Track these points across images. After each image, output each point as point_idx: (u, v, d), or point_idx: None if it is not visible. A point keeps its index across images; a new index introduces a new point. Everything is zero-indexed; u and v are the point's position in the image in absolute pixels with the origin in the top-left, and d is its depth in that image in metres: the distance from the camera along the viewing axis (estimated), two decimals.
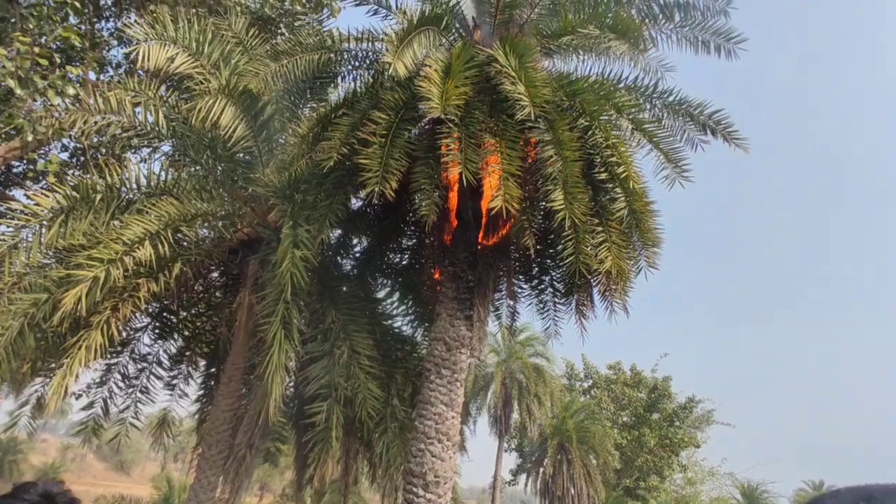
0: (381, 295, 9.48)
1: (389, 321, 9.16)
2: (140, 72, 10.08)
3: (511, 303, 9.51)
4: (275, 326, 6.44)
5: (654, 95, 8.46)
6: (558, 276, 9.00)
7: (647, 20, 8.27)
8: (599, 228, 6.60)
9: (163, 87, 9.89)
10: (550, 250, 8.33)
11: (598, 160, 6.86)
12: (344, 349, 7.16)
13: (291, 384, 9.98)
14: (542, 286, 9.34)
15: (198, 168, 9.88)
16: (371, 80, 7.93)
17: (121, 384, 9.99)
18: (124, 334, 9.69)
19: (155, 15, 9.05)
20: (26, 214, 6.57)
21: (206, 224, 8.58)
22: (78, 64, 8.69)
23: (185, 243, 8.62)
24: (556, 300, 9.17)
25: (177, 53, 8.16)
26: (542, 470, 25.47)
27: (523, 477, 27.82)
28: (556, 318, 9.21)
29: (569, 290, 8.79)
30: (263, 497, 27.07)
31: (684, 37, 8.39)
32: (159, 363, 10.61)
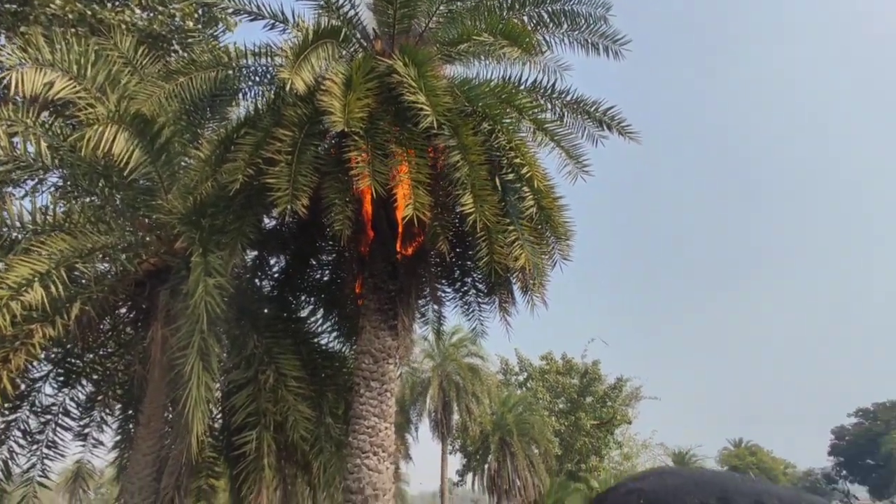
0: (304, 314, 9.27)
1: (316, 339, 8.98)
2: (18, 98, 9.28)
3: (437, 307, 9.62)
4: (192, 359, 6.14)
5: (554, 96, 8.89)
6: (479, 277, 9.20)
7: (539, 26, 8.68)
8: (511, 227, 6.84)
9: (45, 114, 9.16)
10: (469, 252, 8.51)
11: (505, 162, 7.11)
12: (269, 373, 6.95)
13: (219, 416, 9.54)
14: (465, 288, 9.52)
15: (93, 199, 9.25)
16: (273, 96, 7.78)
17: (22, 441, 9.10)
18: (22, 386, 8.86)
19: (27, 37, 8.38)
20: None
21: (106, 258, 8.04)
22: None
23: (83, 281, 8.04)
24: (480, 300, 9.38)
25: (56, 78, 7.59)
26: (486, 466, 25.86)
27: (470, 476, 28.12)
28: (482, 318, 9.42)
29: (490, 290, 9.03)
30: None
31: (575, 40, 8.88)
32: (66, 413, 9.77)
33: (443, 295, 9.75)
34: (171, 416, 8.19)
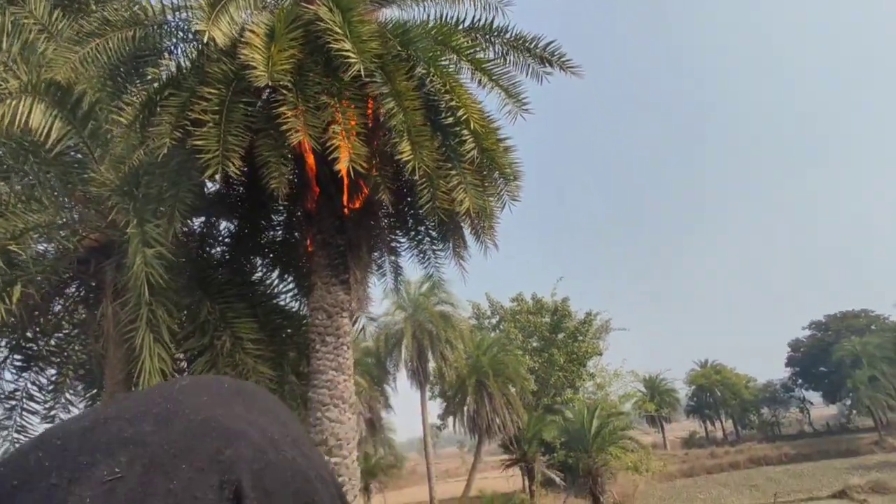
0: (259, 275, 9.21)
1: (273, 300, 8.97)
2: None
3: (393, 258, 9.65)
4: (141, 331, 6.10)
5: (494, 34, 8.68)
6: (432, 225, 9.23)
7: None
8: (453, 172, 6.82)
9: None
10: (419, 200, 8.50)
11: (443, 105, 7.01)
12: (225, 338, 6.96)
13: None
14: (420, 237, 9.55)
15: (27, 178, 8.83)
16: (196, 53, 7.39)
17: None
18: None
19: None
20: None
21: (42, 237, 7.76)
22: None
23: (23, 263, 7.78)
24: (434, 248, 9.44)
25: None
26: (465, 408, 26.76)
27: (451, 419, 29.12)
28: (438, 265, 9.51)
29: (443, 237, 9.08)
30: None
31: None
32: (31, 398, 9.67)
33: (398, 245, 9.79)
34: (132, 390, 8.16)
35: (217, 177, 7.43)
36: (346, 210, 7.73)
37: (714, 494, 34.21)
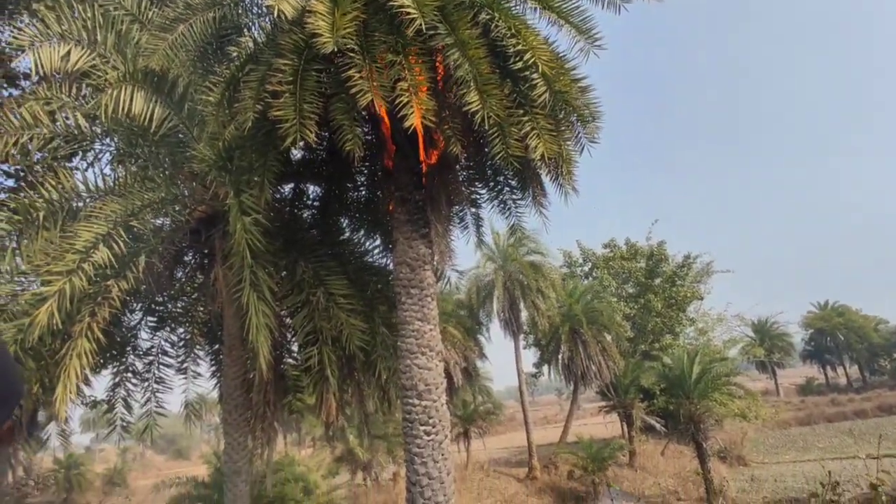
0: (346, 235, 9.71)
1: (362, 258, 9.45)
2: (56, 75, 9.74)
3: (473, 210, 9.73)
4: (246, 291, 6.73)
5: None
6: (510, 174, 9.15)
7: None
8: (525, 118, 6.68)
9: (83, 86, 9.59)
10: (492, 150, 8.44)
11: (510, 51, 6.81)
12: (320, 295, 7.50)
13: (294, 340, 10.47)
14: (499, 187, 9.52)
15: (140, 160, 9.82)
16: (271, 27, 7.70)
17: (134, 381, 10.49)
18: (120, 335, 10.06)
19: (38, 12, 8.63)
20: None
21: (158, 213, 8.67)
22: None
23: (145, 236, 8.78)
24: (514, 197, 9.38)
25: (69, 49, 7.88)
26: (560, 356, 26.86)
27: (546, 367, 29.40)
28: (519, 214, 9.47)
29: (522, 185, 8.99)
30: (316, 446, 28.77)
31: None
32: (164, 353, 11.06)
33: (478, 197, 9.83)
34: (245, 344, 9.08)
35: (298, 144, 7.84)
36: (422, 165, 7.87)
37: (835, 443, 32.04)
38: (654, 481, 25.23)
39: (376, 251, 9.54)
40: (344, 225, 9.84)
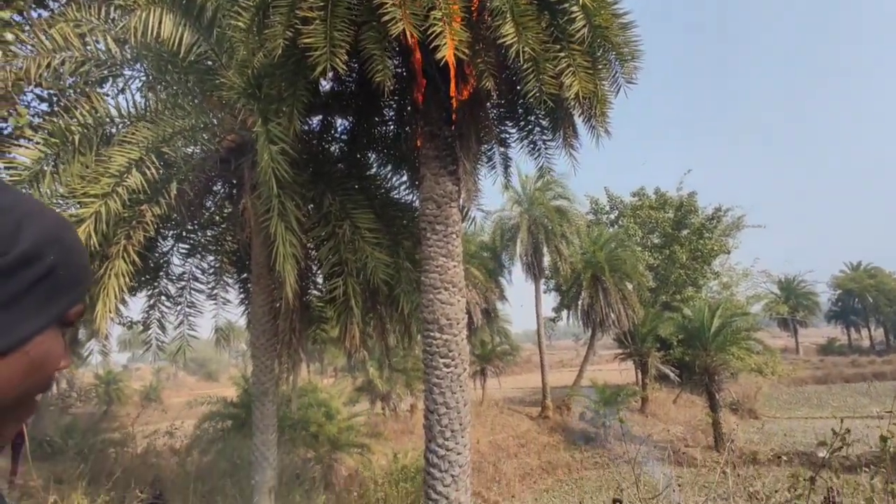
0: (374, 170, 9.69)
1: (388, 193, 9.47)
2: None
3: (502, 149, 9.56)
4: (274, 221, 6.85)
5: None
6: (542, 113, 8.90)
7: None
8: (562, 54, 6.42)
9: (111, 9, 9.49)
10: (525, 87, 8.18)
11: None
12: (345, 227, 7.60)
13: (319, 272, 10.72)
14: (529, 126, 9.29)
15: (170, 87, 9.81)
16: None
17: (167, 304, 10.95)
18: (153, 260, 10.42)
19: None
20: (16, 170, 6.88)
21: (188, 140, 8.75)
22: (4, 5, 8.35)
23: (176, 163, 8.90)
24: (545, 138, 9.17)
25: None
26: (580, 302, 27.01)
27: (565, 313, 29.66)
28: (548, 156, 9.28)
29: (554, 125, 8.76)
30: (337, 376, 29.99)
31: None
32: (196, 279, 11.46)
33: (507, 136, 9.63)
34: (273, 273, 9.32)
35: (328, 74, 7.71)
36: (453, 101, 7.70)
37: (850, 403, 32.08)
38: (663, 427, 25.84)
39: (403, 187, 9.53)
40: (371, 160, 9.80)
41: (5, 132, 11.46)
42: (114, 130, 8.71)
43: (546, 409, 26.17)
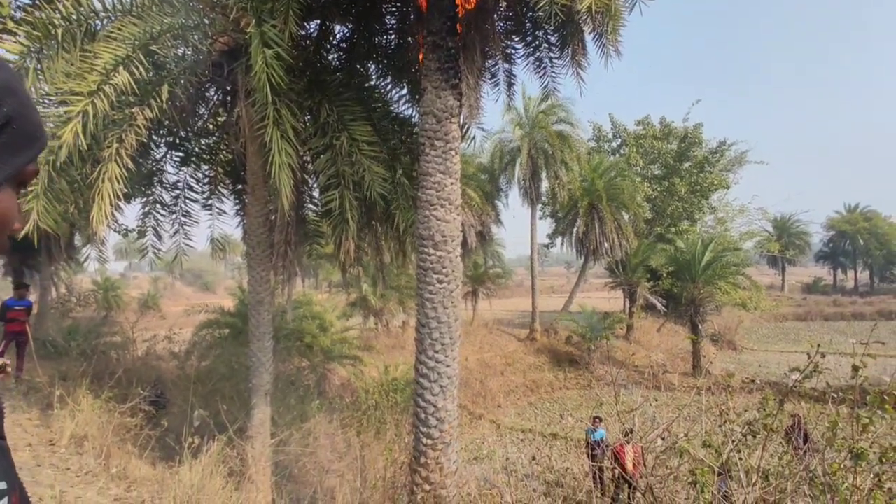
0: (373, 82, 9.34)
1: (387, 106, 9.19)
2: None
3: (507, 66, 9.20)
4: (269, 129, 6.67)
5: None
6: (550, 29, 8.49)
7: None
8: None
9: None
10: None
11: None
12: (343, 139, 7.42)
13: (316, 185, 10.59)
14: (537, 42, 8.90)
15: None
16: None
17: (162, 212, 10.88)
18: (147, 168, 10.25)
19: None
20: None
21: (178, 40, 8.31)
22: None
23: (167, 65, 8.52)
24: (552, 55, 8.81)
25: None
26: (575, 230, 27.15)
27: (559, 240, 29.87)
28: (554, 75, 8.96)
29: (562, 42, 8.38)
30: (332, 292, 30.55)
31: None
32: (190, 188, 11.32)
33: (513, 52, 9.25)
34: (268, 183, 9.21)
35: None
36: (459, 9, 7.30)
37: (826, 339, 33.26)
38: (645, 354, 26.84)
39: (402, 101, 9.24)
40: (371, 70, 9.42)
41: None
42: (99, 25, 8.27)
43: (534, 331, 26.99)
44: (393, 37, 9.61)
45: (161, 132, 10.46)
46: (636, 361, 25.36)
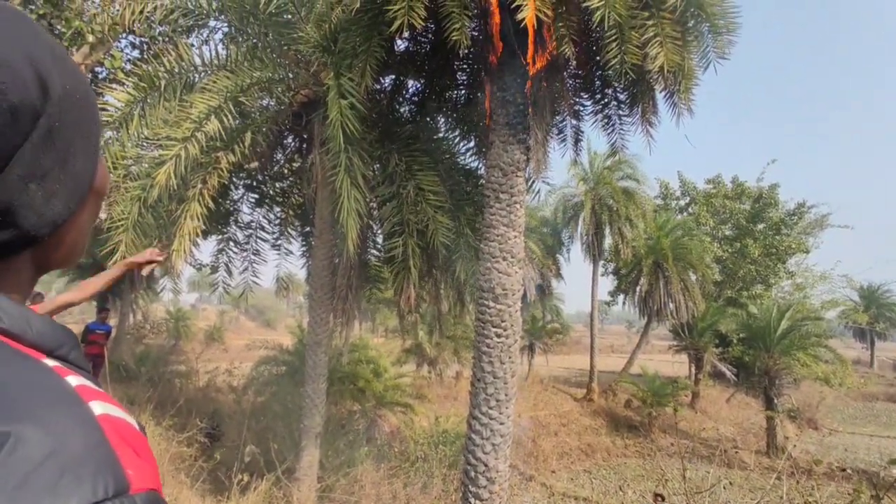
0: (441, 134, 9.61)
1: (454, 158, 9.39)
2: None
3: (574, 122, 9.23)
4: (340, 175, 6.94)
5: None
6: (620, 87, 8.50)
7: None
8: (650, 22, 6.03)
9: None
10: (606, 55, 7.80)
11: None
12: (409, 188, 7.61)
13: (380, 231, 10.88)
14: (606, 100, 8.91)
15: (250, 39, 10.05)
16: None
17: (235, 250, 11.46)
18: (225, 207, 10.89)
19: None
20: (108, 111, 7.28)
21: (263, 92, 8.95)
22: None
23: (252, 114, 9.17)
24: (621, 112, 8.77)
25: None
26: (638, 288, 26.20)
27: (621, 297, 28.89)
28: (623, 132, 8.89)
29: (632, 100, 8.35)
30: (388, 337, 30.72)
31: None
32: (262, 228, 11.92)
33: (581, 108, 9.29)
34: (337, 228, 9.52)
35: (405, 33, 7.61)
36: (529, 67, 7.46)
37: None
38: (713, 426, 24.97)
39: (469, 154, 9.43)
40: (440, 123, 9.73)
41: (101, 76, 12.16)
42: (196, 78, 9.05)
43: (591, 391, 25.83)
44: (463, 91, 9.92)
45: (240, 175, 11.16)
46: (703, 433, 23.59)
